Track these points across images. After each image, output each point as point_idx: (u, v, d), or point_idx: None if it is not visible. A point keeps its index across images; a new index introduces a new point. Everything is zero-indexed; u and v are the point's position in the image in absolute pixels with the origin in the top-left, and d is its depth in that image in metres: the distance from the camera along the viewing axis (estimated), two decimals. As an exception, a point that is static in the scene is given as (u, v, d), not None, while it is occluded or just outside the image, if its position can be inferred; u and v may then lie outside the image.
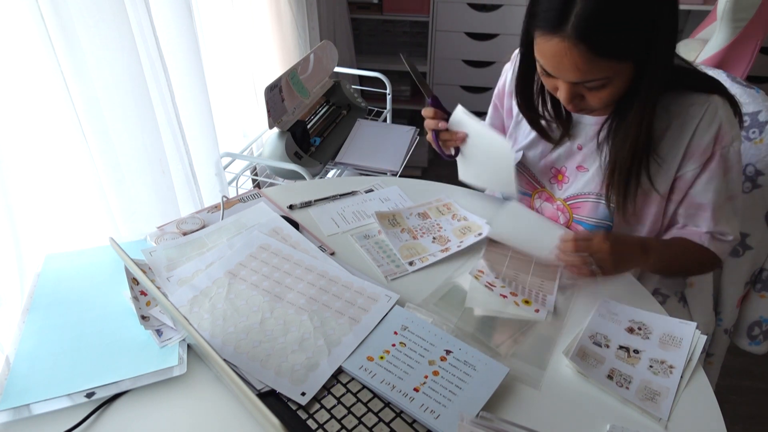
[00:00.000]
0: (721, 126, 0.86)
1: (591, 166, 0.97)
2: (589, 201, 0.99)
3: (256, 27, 1.76)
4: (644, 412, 0.69)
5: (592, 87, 0.81)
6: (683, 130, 0.88)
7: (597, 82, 0.80)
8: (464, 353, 0.75)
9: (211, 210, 1.06)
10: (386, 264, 0.94)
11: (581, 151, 0.98)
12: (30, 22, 0.93)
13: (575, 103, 0.86)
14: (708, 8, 2.19)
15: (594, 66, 0.77)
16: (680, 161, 0.89)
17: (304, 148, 1.56)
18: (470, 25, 2.54)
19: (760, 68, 2.33)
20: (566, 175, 1.02)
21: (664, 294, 1.07)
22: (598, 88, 0.81)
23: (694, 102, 0.87)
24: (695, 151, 0.88)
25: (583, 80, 0.80)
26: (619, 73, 0.79)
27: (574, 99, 0.85)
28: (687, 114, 0.87)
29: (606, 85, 0.81)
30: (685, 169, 0.90)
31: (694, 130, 0.87)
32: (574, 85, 0.82)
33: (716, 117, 0.86)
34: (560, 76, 0.81)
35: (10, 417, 0.67)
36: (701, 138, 0.87)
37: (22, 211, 0.96)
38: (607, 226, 0.99)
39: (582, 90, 0.83)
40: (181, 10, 1.26)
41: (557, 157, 1.02)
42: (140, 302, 0.81)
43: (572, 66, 0.78)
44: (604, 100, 0.83)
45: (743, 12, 1.63)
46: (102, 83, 1.05)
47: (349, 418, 0.68)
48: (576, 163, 1.00)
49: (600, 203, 0.97)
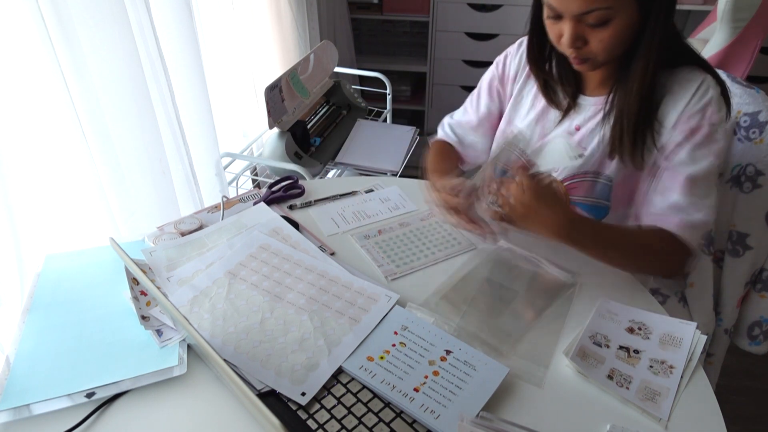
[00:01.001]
0: (711, 102, 0.87)
1: (588, 145, 0.98)
2: (586, 180, 0.99)
3: (256, 27, 1.76)
4: (644, 412, 0.69)
5: (594, 22, 0.83)
6: (676, 103, 0.89)
7: (600, 13, 0.81)
8: (464, 353, 0.75)
9: (211, 210, 1.06)
10: (386, 264, 0.94)
11: (579, 131, 0.99)
12: (30, 22, 0.93)
13: (578, 48, 0.87)
14: (708, 8, 2.19)
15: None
16: (669, 132, 0.90)
17: (304, 148, 1.56)
18: (470, 25, 2.54)
19: (760, 68, 2.33)
20: None
21: (664, 294, 1.07)
22: (600, 24, 0.83)
23: (689, 78, 0.89)
24: (683, 119, 0.89)
25: (586, 9, 0.81)
26: (622, 7, 0.81)
27: (577, 41, 0.86)
28: (682, 88, 0.89)
29: (608, 22, 0.82)
30: (670, 138, 0.90)
31: (687, 102, 0.88)
32: (578, 23, 0.84)
33: (708, 93, 0.87)
34: (565, 8, 0.83)
35: (10, 417, 0.67)
36: (691, 109, 0.88)
37: (22, 211, 0.96)
38: (604, 206, 1.00)
39: (585, 30, 0.85)
40: (181, 10, 1.26)
41: (553, 139, 1.03)
42: (140, 302, 0.81)
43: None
44: (606, 42, 0.84)
45: (743, 12, 1.63)
46: (102, 83, 1.05)
47: (349, 418, 0.68)
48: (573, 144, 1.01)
49: (597, 182, 0.98)
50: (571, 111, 1.00)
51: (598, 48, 0.86)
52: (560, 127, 1.01)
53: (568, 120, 1.00)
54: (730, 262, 1.12)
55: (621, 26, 0.83)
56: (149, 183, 1.21)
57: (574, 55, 0.89)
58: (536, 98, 1.05)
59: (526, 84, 1.06)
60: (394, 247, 0.98)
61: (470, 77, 2.67)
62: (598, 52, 0.86)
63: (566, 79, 0.99)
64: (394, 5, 2.59)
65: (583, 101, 0.99)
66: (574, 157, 0.99)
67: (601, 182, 0.98)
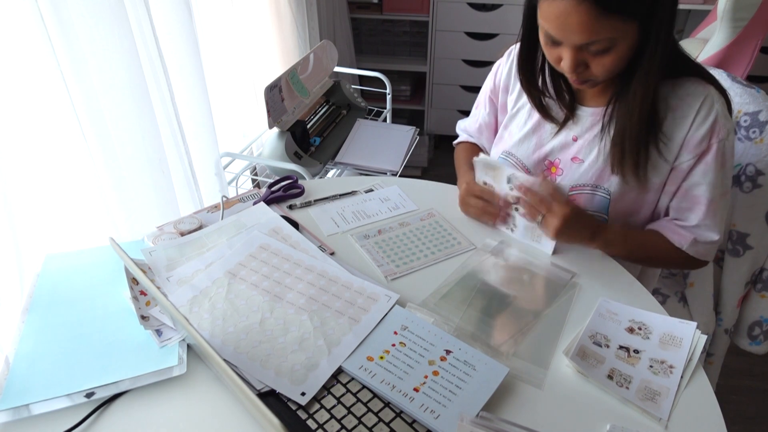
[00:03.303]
0: (717, 118, 0.87)
1: (586, 157, 0.97)
2: (585, 193, 0.99)
3: (256, 27, 1.76)
4: (644, 412, 0.69)
5: (596, 51, 0.81)
6: (682, 120, 0.89)
7: (602, 43, 0.80)
8: (464, 353, 0.75)
9: (210, 210, 1.06)
10: (386, 264, 0.94)
11: (576, 142, 0.99)
12: (30, 22, 0.93)
13: (579, 73, 0.85)
14: (708, 8, 2.19)
15: (599, 24, 0.77)
16: (677, 152, 0.90)
17: (303, 148, 1.56)
18: (470, 24, 2.54)
19: (760, 68, 2.33)
20: (560, 167, 1.02)
21: (664, 294, 1.07)
22: (602, 52, 0.81)
23: (691, 92, 0.88)
24: (691, 141, 0.89)
25: (588, 41, 0.80)
26: (624, 35, 0.80)
27: (578, 67, 0.84)
28: (684, 104, 0.88)
29: (610, 49, 0.81)
30: (681, 160, 0.91)
31: (691, 121, 0.88)
32: (579, 51, 0.82)
33: (713, 109, 0.87)
34: (566, 39, 0.81)
35: (9, 417, 0.67)
36: (698, 129, 0.88)
37: (22, 211, 0.96)
38: (602, 219, 0.99)
39: (586, 56, 0.83)
40: (181, 10, 1.26)
41: (551, 150, 1.02)
42: (140, 302, 0.81)
43: (578, 25, 0.78)
44: (608, 67, 0.83)
45: (743, 12, 1.63)
46: (102, 83, 1.05)
47: (349, 418, 0.68)
48: (571, 155, 1.00)
49: (596, 194, 0.98)
50: (569, 122, 0.99)
51: (599, 71, 0.84)
52: (557, 138, 1.01)
53: (565, 131, 1.00)
54: (731, 262, 1.12)
55: (623, 51, 0.82)
56: (149, 183, 1.21)
57: (574, 78, 0.88)
58: (533, 109, 1.04)
59: (522, 95, 1.05)
60: (393, 247, 0.98)
61: (470, 77, 2.67)
62: (599, 75, 0.85)
63: (561, 93, 0.98)
64: (394, 5, 2.59)
65: (581, 112, 0.98)
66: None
67: (600, 195, 0.97)
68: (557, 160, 1.02)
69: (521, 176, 0.93)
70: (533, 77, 0.98)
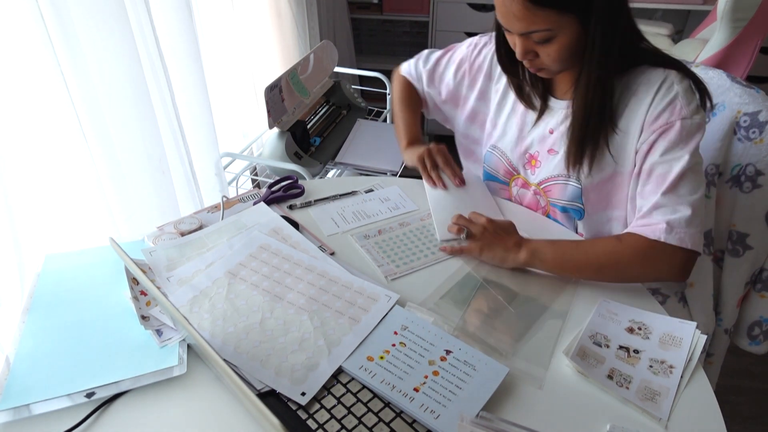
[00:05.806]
0: (677, 97, 0.87)
1: (560, 148, 1.00)
2: (558, 182, 1.02)
3: (256, 27, 1.76)
4: (644, 412, 0.69)
5: (539, 40, 0.85)
6: (640, 103, 0.90)
7: (541, 33, 0.84)
8: (464, 353, 0.75)
9: (210, 210, 1.06)
10: (386, 264, 0.94)
11: (552, 134, 1.01)
12: (30, 22, 0.93)
13: (530, 60, 0.90)
14: (708, 8, 2.19)
15: (533, 16, 0.82)
16: (639, 135, 0.91)
17: (304, 148, 1.56)
18: (470, 25, 2.54)
19: (760, 68, 2.33)
20: (538, 159, 1.05)
21: (664, 294, 1.07)
22: (544, 41, 0.85)
23: (651, 77, 0.89)
24: (649, 119, 0.89)
25: (527, 30, 0.84)
26: (562, 27, 0.83)
27: (527, 54, 0.89)
28: (642, 90, 0.90)
29: (552, 39, 0.85)
30: (642, 140, 0.90)
31: (650, 102, 0.88)
32: (526, 39, 0.86)
33: (672, 88, 0.87)
34: (510, 26, 0.86)
35: (10, 417, 0.67)
36: (656, 107, 0.88)
37: (22, 211, 0.96)
38: (579, 209, 1.02)
39: (533, 45, 0.87)
40: (181, 10, 1.26)
41: (531, 142, 1.05)
42: (140, 302, 0.81)
43: (516, 14, 0.83)
44: (553, 56, 0.87)
45: (743, 12, 1.63)
46: (102, 83, 1.05)
47: (349, 418, 0.68)
48: (547, 147, 1.03)
49: (568, 184, 1.00)
50: (545, 114, 1.02)
51: (547, 60, 0.88)
52: (536, 129, 1.04)
53: (543, 123, 1.03)
54: (730, 262, 1.12)
55: (565, 42, 0.85)
56: (149, 183, 1.21)
57: (528, 65, 0.92)
58: (516, 103, 1.07)
59: (508, 92, 1.08)
60: (393, 247, 0.98)
61: (470, 77, 2.67)
62: (549, 64, 0.89)
63: (535, 82, 1.01)
64: (394, 5, 2.59)
65: (554, 104, 1.01)
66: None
67: (571, 185, 1.00)
68: (536, 152, 1.05)
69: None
70: (513, 66, 1.01)
